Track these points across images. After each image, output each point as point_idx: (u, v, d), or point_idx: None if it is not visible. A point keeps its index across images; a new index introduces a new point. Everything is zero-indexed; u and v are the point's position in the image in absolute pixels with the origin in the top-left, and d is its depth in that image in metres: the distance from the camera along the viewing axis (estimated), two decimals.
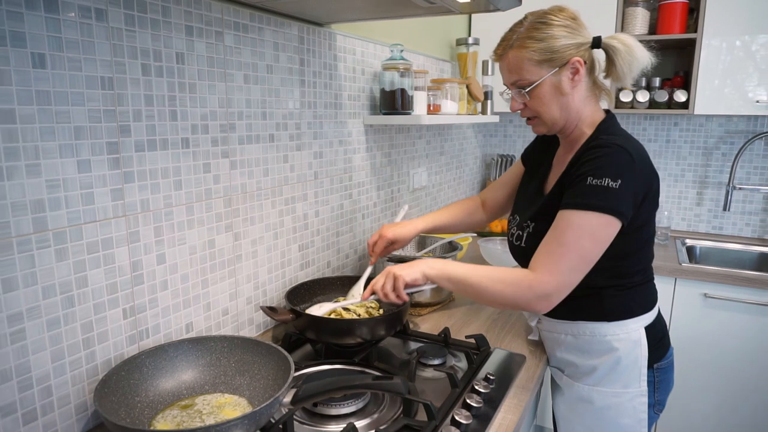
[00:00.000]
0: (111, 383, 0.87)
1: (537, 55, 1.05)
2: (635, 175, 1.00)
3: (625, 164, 1.00)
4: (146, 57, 0.95)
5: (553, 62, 1.06)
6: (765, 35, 2.02)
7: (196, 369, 1.00)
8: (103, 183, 0.90)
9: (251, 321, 1.28)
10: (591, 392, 1.15)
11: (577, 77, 1.07)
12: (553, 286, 0.99)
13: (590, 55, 1.09)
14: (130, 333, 0.98)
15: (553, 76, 1.07)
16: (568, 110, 1.10)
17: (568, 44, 1.05)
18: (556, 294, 1.00)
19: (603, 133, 1.08)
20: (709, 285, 1.97)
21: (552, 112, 1.10)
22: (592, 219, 0.99)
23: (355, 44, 1.58)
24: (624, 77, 1.09)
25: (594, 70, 1.11)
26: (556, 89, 1.08)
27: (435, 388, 1.11)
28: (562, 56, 1.05)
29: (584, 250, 1.00)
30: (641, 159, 1.03)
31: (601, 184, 0.99)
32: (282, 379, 0.91)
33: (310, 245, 1.47)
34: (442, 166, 2.33)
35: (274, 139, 1.28)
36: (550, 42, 1.05)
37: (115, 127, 0.91)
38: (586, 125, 1.12)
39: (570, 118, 1.12)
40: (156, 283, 1.02)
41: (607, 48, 1.08)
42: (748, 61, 2.06)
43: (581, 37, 1.07)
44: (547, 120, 1.12)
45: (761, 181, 2.38)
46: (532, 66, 1.07)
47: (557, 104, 1.09)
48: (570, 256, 1.00)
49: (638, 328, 1.12)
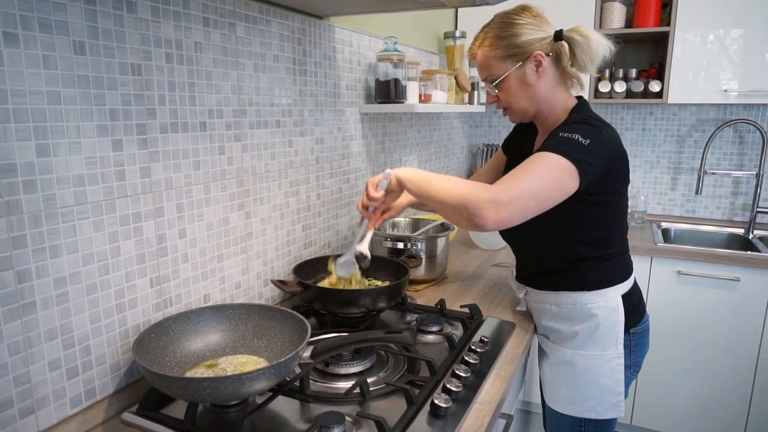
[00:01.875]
0: (143, 343, 0.95)
1: (501, 52, 1.17)
2: (603, 145, 1.08)
3: (594, 132, 1.09)
4: (169, 46, 1.03)
5: (517, 57, 1.16)
6: (732, 29, 2.16)
7: (217, 333, 1.08)
8: (133, 161, 0.98)
9: (261, 295, 1.37)
10: (573, 356, 1.26)
11: (541, 69, 1.16)
12: (509, 197, 1.00)
13: (555, 48, 1.17)
14: (156, 301, 1.06)
15: (518, 70, 1.17)
16: (536, 99, 1.20)
17: (530, 39, 1.15)
18: (507, 205, 0.99)
19: (575, 114, 1.18)
20: (683, 263, 2.11)
21: (520, 102, 1.21)
22: (558, 160, 1.04)
23: (351, 36, 1.67)
24: (585, 66, 1.16)
25: (561, 61, 1.18)
26: (521, 81, 1.18)
27: (435, 351, 1.21)
28: (525, 51, 1.15)
29: (545, 182, 1.02)
30: (609, 135, 1.12)
31: (571, 137, 1.07)
32: (299, 340, 1.01)
33: (313, 226, 1.56)
34: (431, 155, 2.44)
35: (280, 124, 1.37)
36: (512, 39, 1.15)
37: (143, 110, 0.99)
38: (559, 111, 1.21)
39: (541, 106, 1.21)
40: (178, 256, 1.10)
41: (568, 40, 1.15)
42: (721, 54, 2.20)
43: (542, 32, 1.16)
44: (516, 110, 1.23)
45: (730, 166, 2.53)
46: (497, 62, 1.18)
47: (524, 95, 1.20)
48: (531, 179, 1.02)
49: (616, 296, 1.23)
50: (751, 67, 2.16)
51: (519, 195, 1.01)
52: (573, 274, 1.23)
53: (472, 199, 1.01)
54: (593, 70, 1.18)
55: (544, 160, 1.04)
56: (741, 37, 2.15)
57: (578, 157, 1.04)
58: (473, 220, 1.02)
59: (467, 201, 1.02)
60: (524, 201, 1.01)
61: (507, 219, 1.01)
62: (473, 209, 1.01)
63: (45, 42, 0.81)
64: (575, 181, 1.05)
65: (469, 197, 1.02)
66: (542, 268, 1.28)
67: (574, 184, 1.05)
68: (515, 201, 1.00)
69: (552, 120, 1.23)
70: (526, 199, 1.01)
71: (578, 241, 1.20)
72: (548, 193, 1.03)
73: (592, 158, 1.06)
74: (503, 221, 1.01)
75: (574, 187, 1.06)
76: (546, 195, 1.03)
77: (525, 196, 1.01)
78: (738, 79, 2.18)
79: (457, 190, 1.05)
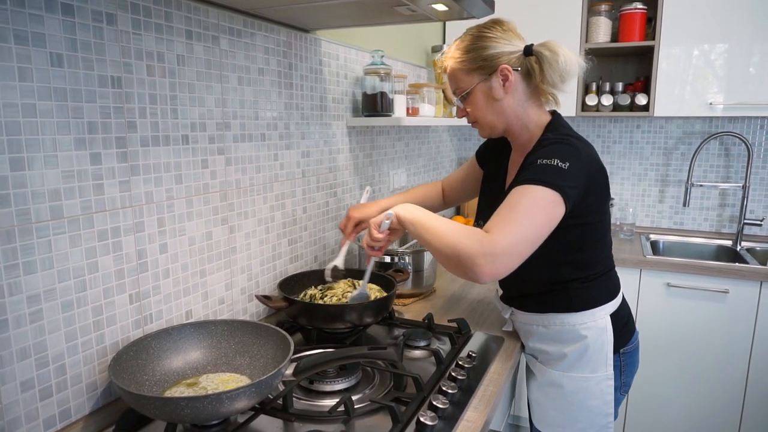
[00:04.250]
0: (121, 362, 0.93)
1: (468, 65, 1.15)
2: (582, 164, 1.06)
3: (572, 152, 1.06)
4: (151, 59, 1.02)
5: (483, 70, 1.14)
6: (717, 43, 2.18)
7: (198, 350, 1.06)
8: (112, 175, 0.96)
9: (245, 310, 1.35)
10: (561, 378, 1.23)
11: (508, 83, 1.13)
12: (502, 246, 0.95)
13: (525, 63, 1.13)
14: (136, 318, 1.04)
15: (484, 83, 1.15)
16: (504, 114, 1.17)
17: (497, 53, 1.13)
18: (501, 256, 0.95)
19: (549, 132, 1.16)
20: (672, 275, 2.11)
21: (487, 116, 1.18)
22: (544, 193, 1.00)
23: (338, 50, 1.67)
24: (555, 82, 1.12)
25: (532, 77, 1.14)
26: (487, 95, 1.16)
27: (422, 367, 1.19)
28: (491, 64, 1.13)
29: (536, 221, 0.99)
30: (587, 152, 1.10)
31: (551, 164, 1.03)
32: (282, 356, 0.98)
33: (299, 240, 1.55)
34: (420, 168, 2.43)
35: (265, 138, 1.36)
36: (479, 52, 1.14)
37: (123, 123, 0.97)
38: (533, 128, 1.18)
39: (510, 122, 1.18)
40: (159, 271, 1.08)
41: (537, 55, 1.12)
42: (706, 68, 2.22)
43: (511, 46, 1.14)
44: (484, 124, 1.21)
45: (717, 179, 2.55)
46: (464, 75, 1.17)
47: (491, 109, 1.17)
48: (523, 222, 0.98)
49: (604, 315, 1.21)
50: (736, 81, 2.18)
51: (513, 242, 0.97)
52: (559, 296, 1.20)
53: (465, 253, 0.97)
54: (564, 87, 1.15)
55: (529, 196, 1.01)
56: (725, 51, 2.18)
57: (561, 184, 1.01)
58: (468, 274, 0.98)
59: (460, 254, 0.98)
60: (519, 248, 0.98)
61: (502, 270, 0.97)
62: (467, 263, 0.97)
63: (21, 54, 0.80)
64: (561, 208, 1.02)
65: (461, 250, 0.98)
66: (526, 291, 1.26)
67: (561, 212, 1.02)
68: (509, 250, 0.97)
69: (525, 137, 1.20)
70: (520, 246, 0.98)
71: (562, 264, 1.17)
72: (540, 232, 1.01)
73: (573, 181, 1.04)
74: (499, 273, 0.97)
75: (561, 215, 1.03)
76: (538, 234, 1.00)
77: (519, 242, 0.97)
78: (723, 93, 2.21)
79: (450, 240, 1.00)
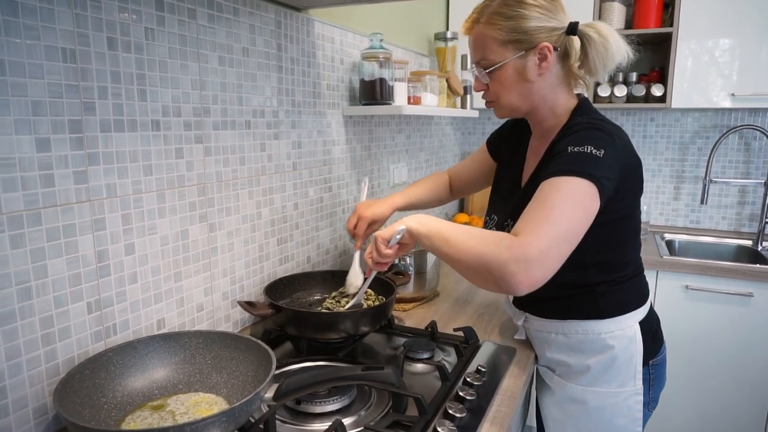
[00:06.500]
0: (73, 383, 0.79)
1: (503, 35, 0.99)
2: (617, 153, 0.93)
3: (607, 139, 0.93)
4: (112, 30, 0.88)
5: (520, 44, 0.99)
6: (741, 29, 2.04)
7: (168, 367, 0.92)
8: (65, 164, 0.82)
9: (228, 318, 1.21)
10: (585, 393, 1.10)
11: (545, 64, 0.99)
12: (538, 250, 0.82)
13: (564, 42, 1.01)
14: (96, 329, 0.90)
15: (518, 60, 1.00)
16: (531, 97, 1.04)
17: (539, 27, 0.98)
18: (537, 261, 0.82)
19: (578, 116, 1.03)
20: (691, 277, 1.97)
21: (512, 97, 1.04)
22: (579, 185, 0.87)
23: (333, 32, 1.53)
24: (596, 71, 1.00)
25: (569, 58, 1.03)
26: (519, 74, 1.01)
27: (425, 383, 1.06)
28: (531, 39, 0.98)
29: (573, 216, 0.86)
30: (621, 139, 0.97)
31: (584, 151, 0.90)
32: (263, 375, 0.85)
33: (289, 239, 1.41)
34: (422, 162, 2.29)
35: (250, 126, 1.22)
36: (519, 21, 0.98)
37: (78, 104, 0.83)
38: (560, 114, 1.06)
39: (536, 106, 1.05)
40: (124, 275, 0.94)
41: (582, 37, 0.99)
42: (729, 56, 2.08)
43: (556, 21, 0.99)
44: (505, 105, 1.06)
45: (736, 175, 2.41)
46: (496, 46, 1.00)
47: (518, 91, 1.03)
48: (559, 219, 0.85)
49: (633, 323, 1.07)
50: (762, 69, 2.03)
51: (549, 244, 0.83)
52: (582, 300, 1.07)
53: (494, 262, 0.83)
54: (603, 76, 1.02)
55: (562, 189, 0.87)
56: (751, 37, 2.03)
57: (596, 174, 0.88)
58: (501, 286, 0.84)
59: (489, 264, 0.84)
60: (556, 250, 0.84)
61: (541, 277, 0.83)
62: (499, 273, 0.83)
63: None
64: (597, 202, 0.89)
65: (490, 259, 0.84)
66: (545, 295, 1.08)
67: (597, 205, 0.89)
68: (546, 253, 0.82)
69: (551, 123, 1.07)
70: (557, 247, 0.84)
71: (587, 265, 1.03)
72: (578, 229, 0.87)
73: (608, 172, 0.90)
74: (536, 281, 0.83)
75: (597, 209, 0.90)
76: (576, 232, 0.87)
77: (556, 243, 0.83)
78: (747, 82, 2.06)
79: (476, 250, 0.87)
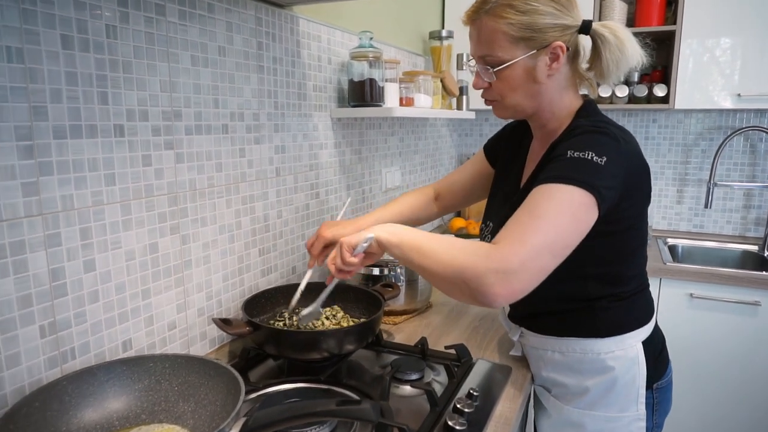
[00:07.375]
0: (19, 417, 0.71)
1: (515, 30, 0.90)
2: (622, 159, 0.85)
3: (611, 144, 0.86)
4: (67, 27, 0.80)
5: (532, 42, 0.91)
6: (747, 27, 1.96)
7: (131, 395, 0.85)
8: (11, 175, 0.74)
9: (204, 335, 1.13)
10: (582, 416, 1.02)
11: (556, 65, 0.92)
12: (518, 260, 0.75)
13: (575, 41, 0.95)
14: (51, 354, 0.82)
15: (529, 59, 0.92)
16: (537, 99, 0.96)
17: (554, 24, 0.91)
18: (517, 273, 0.76)
19: (582, 118, 0.95)
20: (695, 285, 1.90)
21: (517, 98, 0.96)
22: (574, 194, 0.80)
23: (320, 30, 1.45)
24: (608, 74, 0.94)
25: (577, 58, 0.97)
26: (528, 75, 0.93)
27: (412, 408, 0.98)
28: (544, 37, 0.91)
29: (562, 227, 0.79)
30: (628, 143, 0.89)
31: (584, 158, 0.83)
32: (231, 406, 0.77)
33: (272, 249, 1.33)
34: (416, 166, 2.22)
35: (228, 130, 1.14)
36: (533, 17, 0.90)
37: (26, 108, 0.76)
38: (563, 116, 0.98)
39: (541, 108, 0.98)
40: (83, 294, 0.86)
41: (596, 36, 0.93)
42: (734, 55, 2.00)
43: (570, 18, 0.92)
44: (509, 106, 0.98)
45: (741, 178, 2.33)
46: (506, 42, 0.91)
47: (525, 91, 0.95)
48: (545, 229, 0.78)
49: (635, 343, 0.99)
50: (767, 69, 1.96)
51: (531, 255, 0.76)
52: (582, 316, 0.99)
53: (471, 272, 0.77)
54: (614, 80, 0.95)
55: (554, 198, 0.80)
56: (758, 35, 1.95)
57: (596, 183, 0.81)
58: (478, 298, 0.77)
59: (466, 275, 0.78)
60: (538, 262, 0.77)
61: (519, 290, 0.77)
62: (475, 285, 0.77)
63: None
64: (594, 213, 0.82)
65: (466, 269, 0.78)
66: (542, 309, 1.04)
67: (593, 217, 0.82)
68: (527, 265, 0.76)
69: (553, 125, 0.99)
70: (540, 259, 0.77)
71: (588, 278, 0.96)
72: (567, 242, 0.80)
73: (610, 180, 0.82)
74: (514, 294, 0.77)
75: (593, 221, 0.82)
76: (564, 245, 0.80)
77: (539, 254, 0.77)
78: (753, 82, 1.98)
79: (451, 260, 0.80)
